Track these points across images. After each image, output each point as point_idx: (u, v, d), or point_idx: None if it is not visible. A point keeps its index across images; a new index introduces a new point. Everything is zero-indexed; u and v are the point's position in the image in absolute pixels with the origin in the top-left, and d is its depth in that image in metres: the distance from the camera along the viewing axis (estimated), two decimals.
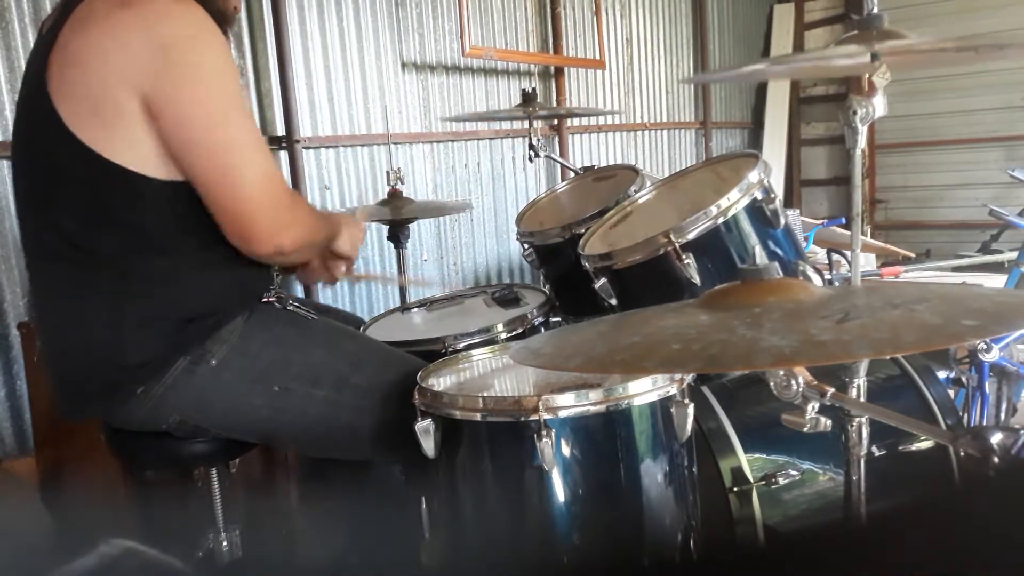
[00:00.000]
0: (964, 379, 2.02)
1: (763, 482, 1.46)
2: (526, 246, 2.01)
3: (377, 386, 1.38)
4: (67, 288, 1.29)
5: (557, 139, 4.14)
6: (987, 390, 2.08)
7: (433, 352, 1.59)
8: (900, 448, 1.52)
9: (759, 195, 1.51)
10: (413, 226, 2.31)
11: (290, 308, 1.43)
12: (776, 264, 0.95)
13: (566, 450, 1.17)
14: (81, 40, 1.18)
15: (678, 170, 1.90)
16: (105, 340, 1.27)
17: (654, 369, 1.03)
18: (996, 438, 0.87)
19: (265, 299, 1.41)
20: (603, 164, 3.97)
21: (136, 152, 1.21)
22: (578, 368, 0.93)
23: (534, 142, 2.55)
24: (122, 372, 1.28)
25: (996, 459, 0.86)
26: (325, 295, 3.09)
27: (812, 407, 1.01)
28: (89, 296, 1.27)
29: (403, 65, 3.37)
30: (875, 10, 1.18)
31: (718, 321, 0.87)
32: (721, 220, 1.48)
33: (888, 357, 1.06)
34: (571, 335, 1.05)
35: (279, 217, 1.27)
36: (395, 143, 3.34)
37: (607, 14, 4.49)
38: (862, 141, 1.17)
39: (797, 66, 1.34)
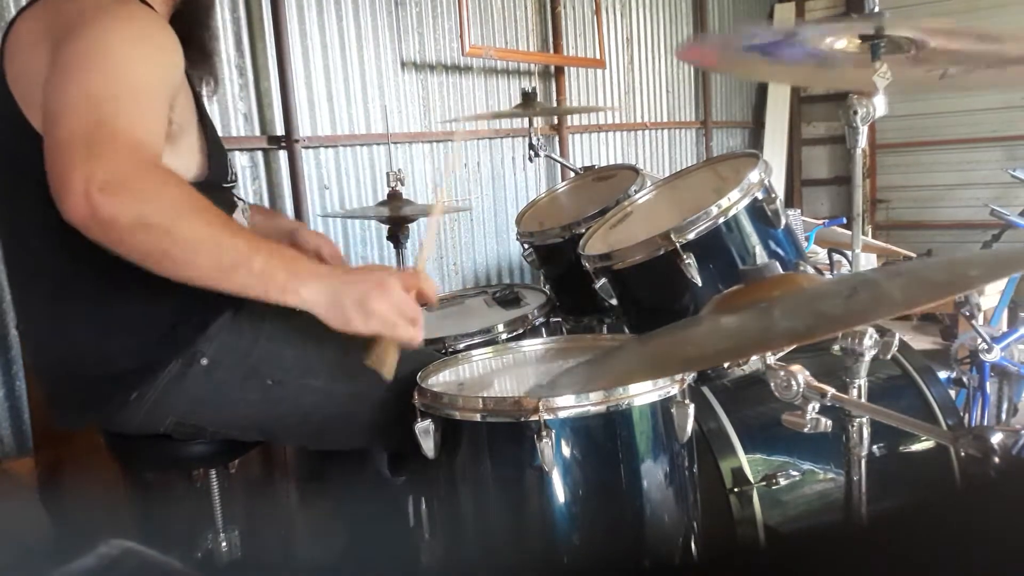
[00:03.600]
0: (965, 379, 2.03)
1: (764, 482, 1.45)
2: (526, 246, 2.00)
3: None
4: (49, 297, 1.25)
5: (557, 139, 4.14)
6: (988, 390, 2.08)
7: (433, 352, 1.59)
8: (901, 448, 1.52)
9: (760, 195, 1.51)
10: (413, 226, 2.31)
11: None
12: (775, 262, 0.95)
13: (566, 451, 1.17)
14: (26, 23, 1.18)
15: (678, 170, 1.89)
16: (92, 348, 1.25)
17: (676, 370, 1.04)
18: (997, 438, 0.87)
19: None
20: (603, 164, 3.97)
21: None
22: (605, 385, 0.93)
23: (534, 142, 2.55)
24: (113, 380, 1.25)
25: (997, 459, 0.86)
26: None
27: (812, 407, 1.01)
28: (72, 304, 1.24)
29: (403, 64, 3.37)
30: (876, 9, 1.18)
31: (735, 322, 0.88)
32: (722, 220, 1.48)
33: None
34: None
35: (100, 164, 0.99)
36: (395, 143, 3.34)
37: (607, 13, 4.49)
38: (863, 141, 1.17)
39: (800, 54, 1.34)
